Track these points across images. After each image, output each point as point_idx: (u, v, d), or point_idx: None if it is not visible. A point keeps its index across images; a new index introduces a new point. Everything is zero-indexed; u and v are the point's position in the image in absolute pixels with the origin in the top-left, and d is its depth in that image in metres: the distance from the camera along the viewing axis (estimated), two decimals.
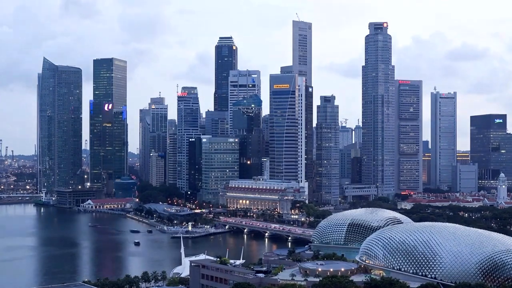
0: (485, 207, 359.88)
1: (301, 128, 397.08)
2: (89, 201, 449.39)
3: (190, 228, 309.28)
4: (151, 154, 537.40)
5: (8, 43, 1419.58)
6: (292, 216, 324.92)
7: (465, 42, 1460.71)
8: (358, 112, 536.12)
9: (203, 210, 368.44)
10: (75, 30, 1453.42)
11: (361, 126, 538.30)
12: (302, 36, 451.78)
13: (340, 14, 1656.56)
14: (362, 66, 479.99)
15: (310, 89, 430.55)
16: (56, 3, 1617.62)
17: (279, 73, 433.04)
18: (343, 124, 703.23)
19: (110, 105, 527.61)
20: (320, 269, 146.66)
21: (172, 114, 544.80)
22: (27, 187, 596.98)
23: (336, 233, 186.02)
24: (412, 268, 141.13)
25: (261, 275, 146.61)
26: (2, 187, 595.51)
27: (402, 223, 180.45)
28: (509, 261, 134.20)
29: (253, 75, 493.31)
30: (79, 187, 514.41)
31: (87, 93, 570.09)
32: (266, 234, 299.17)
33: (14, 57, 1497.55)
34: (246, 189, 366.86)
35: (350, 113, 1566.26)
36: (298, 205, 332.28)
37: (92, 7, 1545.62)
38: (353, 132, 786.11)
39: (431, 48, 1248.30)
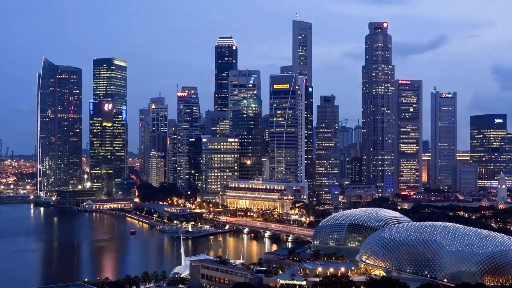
0: (485, 207, 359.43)
1: (301, 128, 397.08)
2: (89, 201, 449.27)
3: (190, 228, 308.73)
4: (151, 154, 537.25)
5: None
6: (292, 216, 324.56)
7: None
8: (358, 112, 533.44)
9: (203, 210, 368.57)
10: None
11: (361, 126, 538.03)
12: (302, 36, 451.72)
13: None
14: (362, 66, 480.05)
15: (310, 89, 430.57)
16: None
17: (279, 73, 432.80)
18: (343, 124, 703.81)
19: (110, 105, 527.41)
20: (320, 269, 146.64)
21: (172, 114, 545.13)
22: (27, 187, 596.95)
23: (336, 233, 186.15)
24: (412, 268, 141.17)
25: (261, 275, 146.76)
26: (2, 187, 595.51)
27: (402, 223, 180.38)
28: (509, 261, 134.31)
29: (253, 75, 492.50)
30: (79, 187, 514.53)
31: (87, 93, 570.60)
32: (266, 234, 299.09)
33: None
34: (246, 189, 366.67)
35: (350, 113, 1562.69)
36: (298, 205, 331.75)
37: None
38: (353, 132, 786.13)
39: None
